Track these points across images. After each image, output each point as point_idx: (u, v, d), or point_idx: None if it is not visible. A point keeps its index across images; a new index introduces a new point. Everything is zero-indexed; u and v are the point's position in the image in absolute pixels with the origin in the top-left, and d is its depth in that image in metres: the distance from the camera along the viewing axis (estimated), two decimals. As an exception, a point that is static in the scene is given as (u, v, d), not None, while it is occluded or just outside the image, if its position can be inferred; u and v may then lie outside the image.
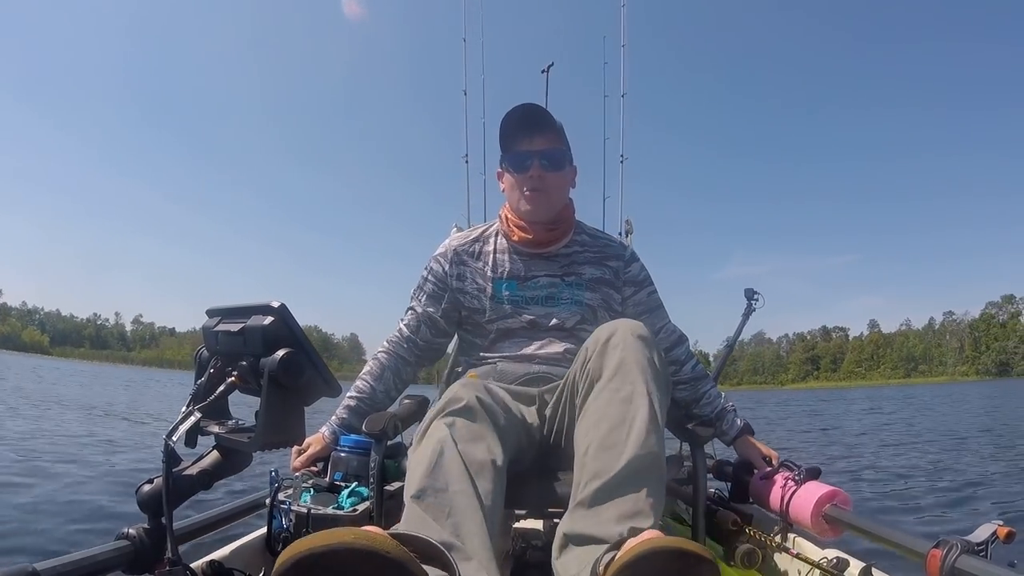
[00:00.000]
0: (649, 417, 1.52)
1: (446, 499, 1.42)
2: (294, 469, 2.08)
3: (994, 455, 11.10)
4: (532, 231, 2.20)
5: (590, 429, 1.56)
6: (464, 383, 1.74)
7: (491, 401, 1.69)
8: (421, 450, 1.54)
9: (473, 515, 1.41)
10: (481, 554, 1.34)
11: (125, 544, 1.52)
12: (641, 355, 1.62)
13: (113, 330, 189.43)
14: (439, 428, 1.57)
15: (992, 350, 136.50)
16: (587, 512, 1.44)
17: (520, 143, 2.16)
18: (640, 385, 1.57)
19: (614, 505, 1.42)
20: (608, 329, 1.70)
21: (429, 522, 1.38)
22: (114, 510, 5.14)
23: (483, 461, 1.53)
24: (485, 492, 1.47)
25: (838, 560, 1.90)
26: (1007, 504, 6.66)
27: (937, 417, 22.74)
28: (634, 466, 1.46)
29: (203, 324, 1.70)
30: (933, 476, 8.64)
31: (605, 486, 1.44)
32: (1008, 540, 1.49)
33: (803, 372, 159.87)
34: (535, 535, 2.35)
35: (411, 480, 1.49)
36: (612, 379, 1.60)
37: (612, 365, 1.61)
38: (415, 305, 2.34)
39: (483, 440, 1.58)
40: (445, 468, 1.47)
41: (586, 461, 1.51)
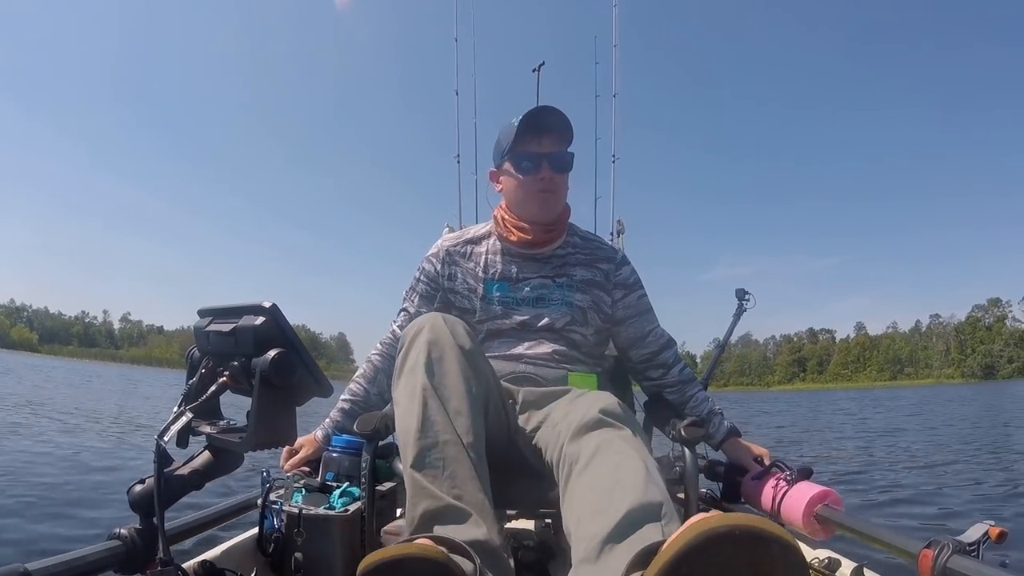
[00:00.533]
0: (644, 472, 1.40)
1: (438, 453, 1.54)
2: (285, 470, 2.08)
3: (986, 456, 11.15)
4: (532, 232, 2.21)
5: (578, 504, 1.43)
6: (430, 314, 1.81)
7: (455, 325, 1.76)
8: (404, 405, 1.64)
9: (463, 461, 1.54)
10: (476, 499, 1.50)
11: (117, 544, 1.51)
12: (619, 433, 1.56)
13: (101, 328, 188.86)
14: (415, 372, 1.66)
15: (978, 353, 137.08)
16: (594, 566, 1.26)
17: (530, 144, 2.15)
18: (627, 452, 1.47)
19: (623, 549, 1.23)
20: (580, 410, 1.64)
21: (431, 489, 1.50)
22: (106, 511, 5.13)
23: (459, 395, 1.63)
24: (465, 430, 1.58)
25: (830, 560, 1.91)
26: (999, 504, 6.68)
27: (925, 419, 22.82)
28: (636, 515, 1.29)
29: (194, 324, 1.70)
30: (925, 476, 8.67)
31: (607, 539, 1.27)
32: (1000, 540, 1.49)
33: (789, 374, 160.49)
34: (527, 535, 2.34)
35: (404, 443, 1.59)
36: (593, 458, 1.49)
37: (590, 449, 1.51)
38: (407, 306, 2.35)
39: (455, 373, 1.66)
40: (430, 420, 1.58)
41: (580, 531, 1.35)
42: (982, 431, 16.94)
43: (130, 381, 36.64)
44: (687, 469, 2.02)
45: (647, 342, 2.30)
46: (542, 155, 2.14)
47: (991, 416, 23.50)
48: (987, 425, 19.10)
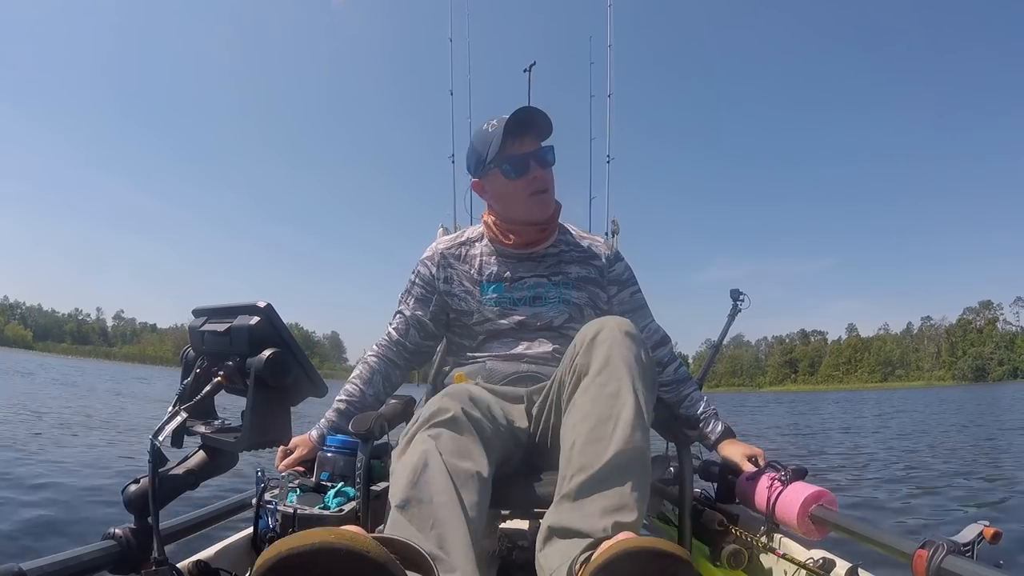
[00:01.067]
0: (635, 413, 1.53)
1: (430, 510, 1.42)
2: (279, 470, 2.08)
3: (980, 457, 11.17)
4: (525, 233, 2.22)
5: (577, 424, 1.56)
6: (449, 392, 1.74)
7: (476, 411, 1.68)
8: (405, 460, 1.53)
9: (457, 526, 1.40)
10: (465, 567, 1.34)
11: (111, 544, 1.51)
12: (628, 351, 1.62)
13: (94, 325, 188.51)
14: (424, 440, 1.56)
15: (969, 355, 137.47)
16: (572, 505, 1.45)
17: (513, 146, 2.14)
18: (626, 381, 1.57)
19: (599, 498, 1.43)
20: (595, 326, 1.70)
21: (413, 532, 1.38)
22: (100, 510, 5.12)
23: (468, 473, 1.52)
24: (470, 504, 1.46)
25: (824, 561, 1.91)
26: (994, 505, 6.69)
27: (919, 421, 22.86)
28: (619, 460, 1.46)
29: (189, 324, 1.70)
30: (919, 477, 8.68)
31: (590, 479, 1.45)
32: (994, 541, 1.50)
33: (781, 375, 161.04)
34: (521, 535, 2.34)
35: (395, 490, 1.49)
36: (599, 375, 1.59)
37: (599, 361, 1.61)
38: (403, 309, 2.35)
39: (468, 452, 1.57)
40: (429, 479, 1.47)
41: (572, 455, 1.51)
42: (975, 433, 16.97)
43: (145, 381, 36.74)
44: (682, 469, 2.03)
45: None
46: (527, 155, 2.14)
47: (984, 418, 23.56)
48: (980, 427, 19.15)
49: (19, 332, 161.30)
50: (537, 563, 1.47)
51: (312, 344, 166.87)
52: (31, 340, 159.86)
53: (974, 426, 19.47)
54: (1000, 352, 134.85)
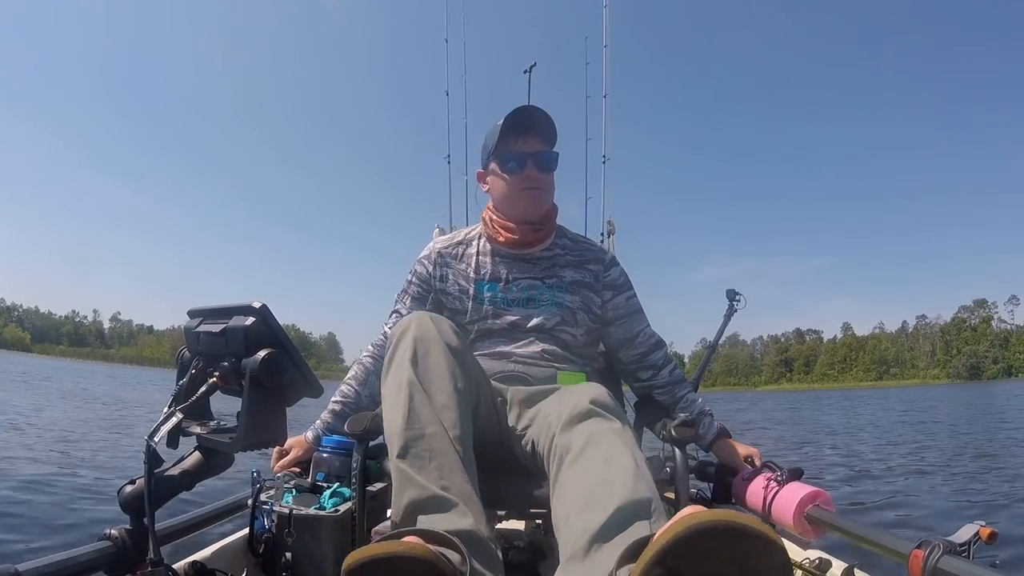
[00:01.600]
0: (635, 468, 1.41)
1: (424, 444, 1.53)
2: (275, 470, 2.08)
3: (976, 457, 11.19)
4: (519, 232, 2.22)
5: (568, 497, 1.44)
6: (418, 313, 1.82)
7: (443, 324, 1.76)
8: (391, 399, 1.63)
9: (449, 452, 1.53)
10: (463, 490, 1.49)
11: (107, 545, 1.51)
12: (608, 424, 1.56)
13: (91, 327, 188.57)
14: (402, 367, 1.65)
15: (963, 354, 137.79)
16: (583, 562, 1.28)
17: (515, 144, 2.17)
18: (617, 446, 1.48)
19: (612, 547, 1.24)
20: (569, 403, 1.63)
21: (417, 479, 1.48)
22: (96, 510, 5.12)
23: (445, 391, 1.62)
24: (451, 423, 1.58)
25: (820, 561, 1.91)
26: (990, 505, 6.70)
27: (914, 420, 22.90)
28: (626, 511, 1.31)
29: (184, 325, 1.70)
30: (916, 477, 8.70)
31: (597, 535, 1.28)
32: (990, 541, 1.50)
33: (776, 374, 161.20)
34: (517, 536, 2.34)
35: (391, 435, 1.58)
36: (584, 449, 1.49)
37: (581, 440, 1.52)
38: (400, 308, 2.36)
39: (442, 369, 1.65)
40: (416, 413, 1.57)
41: (570, 526, 1.36)
42: (971, 431, 17.00)
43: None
44: (677, 469, 2.02)
45: (636, 343, 2.30)
46: (527, 154, 2.16)
47: (979, 416, 23.62)
48: (976, 425, 19.19)
49: (17, 334, 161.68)
50: None
51: (309, 345, 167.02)
52: (29, 342, 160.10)
53: (970, 425, 19.52)
54: (995, 350, 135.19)
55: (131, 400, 22.09)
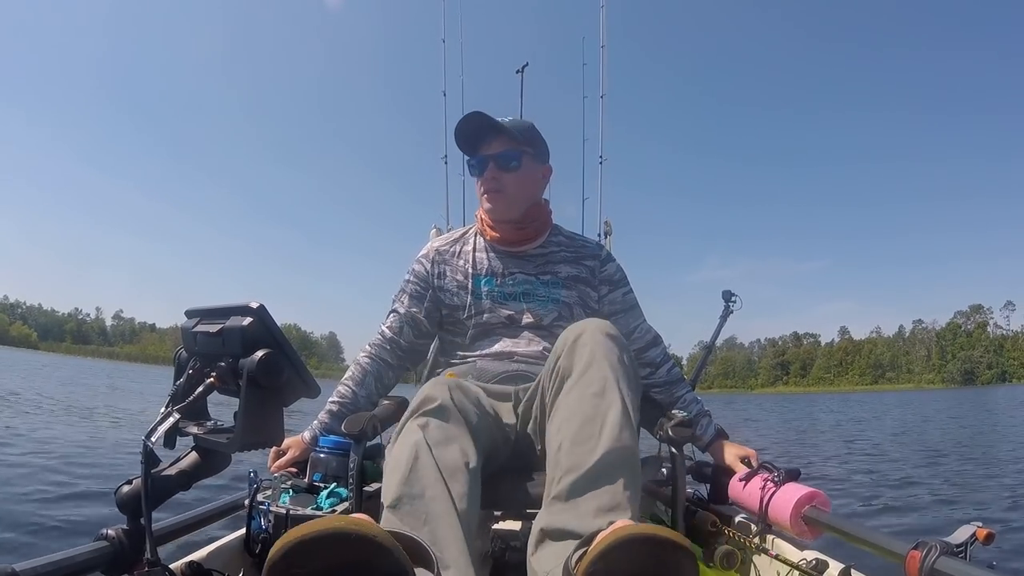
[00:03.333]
0: (621, 411, 1.52)
1: (422, 506, 1.44)
2: (272, 470, 2.08)
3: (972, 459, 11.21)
4: (500, 230, 2.27)
5: (562, 425, 1.55)
6: (437, 381, 1.75)
7: (464, 399, 1.70)
8: (396, 455, 1.56)
9: (449, 520, 1.43)
10: (459, 560, 1.36)
11: (104, 545, 1.51)
12: (611, 352, 1.62)
13: (94, 324, 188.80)
14: (412, 431, 1.58)
15: (958, 359, 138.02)
16: (564, 506, 1.43)
17: (478, 148, 2.23)
18: (611, 380, 1.57)
19: (591, 498, 1.42)
20: (577, 328, 1.70)
21: (407, 531, 1.36)
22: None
23: (456, 464, 1.54)
24: (459, 495, 1.48)
25: (817, 562, 1.91)
26: (986, 506, 6.71)
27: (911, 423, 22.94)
28: (609, 459, 1.45)
29: (182, 325, 1.69)
30: (912, 479, 8.70)
31: (580, 479, 1.44)
32: (987, 542, 1.50)
33: (773, 377, 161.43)
34: (513, 536, 2.34)
35: (387, 488, 1.51)
36: (582, 376, 1.59)
37: (582, 363, 1.61)
38: (398, 307, 2.37)
39: (456, 441, 1.59)
40: (420, 473, 1.49)
41: (559, 457, 1.50)
42: (967, 435, 17.03)
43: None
44: (674, 470, 2.03)
45: (633, 338, 2.31)
46: (489, 157, 2.21)
47: (975, 420, 23.66)
48: (972, 429, 19.22)
49: (24, 332, 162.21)
50: (529, 566, 1.45)
51: (310, 345, 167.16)
52: (36, 340, 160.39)
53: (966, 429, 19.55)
54: (989, 356, 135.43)
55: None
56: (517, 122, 2.22)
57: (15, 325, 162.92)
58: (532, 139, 2.24)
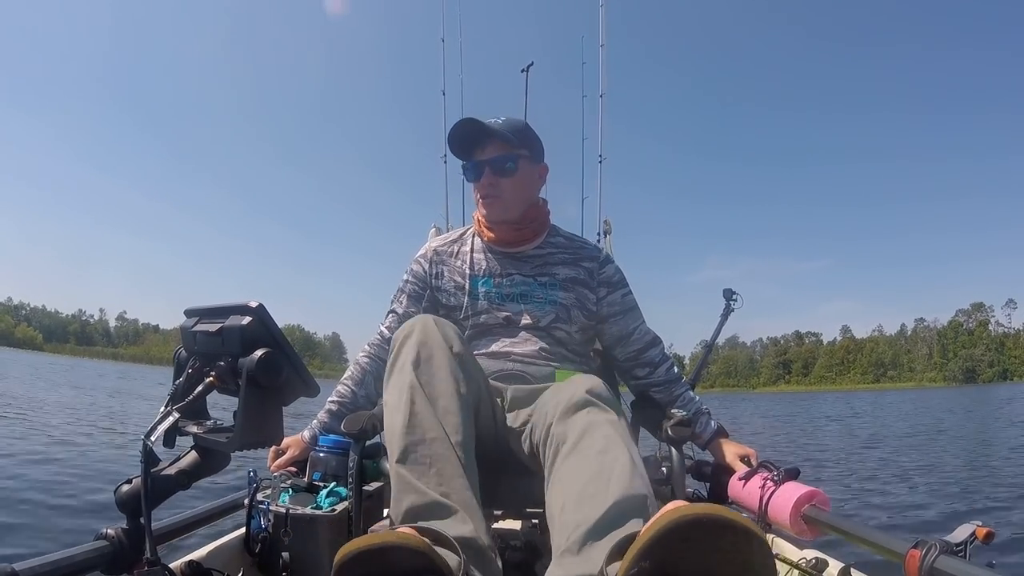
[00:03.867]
0: (631, 463, 1.41)
1: (425, 450, 1.54)
2: (272, 470, 2.08)
3: (971, 458, 11.21)
4: (498, 231, 2.26)
5: (565, 487, 1.44)
6: (418, 317, 1.83)
7: (446, 328, 1.77)
8: (392, 401, 1.64)
9: (450, 458, 1.54)
10: (464, 498, 1.49)
11: (104, 544, 1.51)
12: (606, 412, 1.57)
13: (97, 326, 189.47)
14: (404, 371, 1.67)
15: (959, 357, 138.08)
16: (576, 558, 1.28)
17: (472, 153, 2.22)
18: (613, 438, 1.48)
19: (605, 543, 1.26)
20: (567, 391, 1.64)
21: (416, 484, 1.49)
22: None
23: (448, 395, 1.63)
24: (454, 428, 1.58)
25: (817, 561, 1.91)
26: (986, 505, 6.71)
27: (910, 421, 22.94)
28: (621, 508, 1.31)
29: (181, 324, 1.69)
30: (912, 478, 8.71)
31: (592, 530, 1.29)
32: (987, 541, 1.50)
33: (775, 376, 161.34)
34: (513, 535, 2.35)
35: (391, 437, 1.59)
36: (580, 440, 1.50)
37: (577, 430, 1.52)
38: (396, 307, 2.37)
39: (443, 372, 1.67)
40: (418, 418, 1.58)
41: (564, 518, 1.37)
42: (966, 433, 17.03)
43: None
44: (674, 469, 2.03)
45: (632, 340, 2.30)
46: (484, 162, 2.19)
47: (975, 419, 23.66)
48: (971, 428, 19.22)
49: (29, 334, 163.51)
50: None
51: (313, 345, 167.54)
52: (40, 342, 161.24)
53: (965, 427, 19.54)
54: (990, 354, 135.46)
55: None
56: (511, 122, 2.20)
57: (20, 327, 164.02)
58: (527, 140, 2.22)
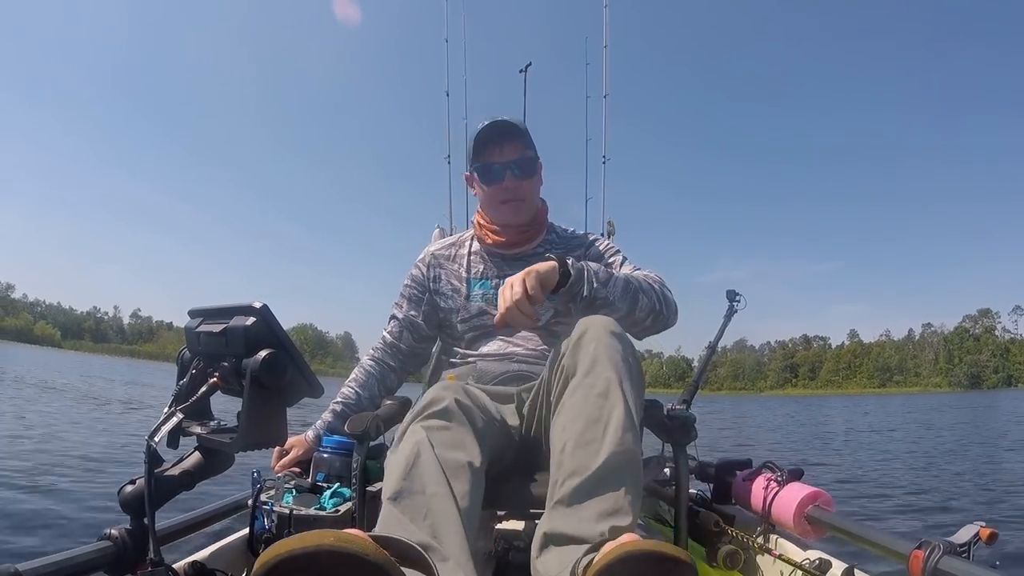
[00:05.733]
0: (625, 414, 1.51)
1: (423, 501, 1.42)
2: (275, 470, 2.08)
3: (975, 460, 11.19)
4: (506, 234, 2.26)
5: (566, 426, 1.53)
6: (442, 386, 1.74)
7: (469, 402, 1.68)
8: (398, 453, 1.54)
9: (450, 516, 1.41)
10: (458, 554, 1.34)
11: (107, 545, 1.51)
12: (615, 351, 1.60)
13: (111, 323, 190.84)
14: (416, 431, 1.56)
15: (964, 363, 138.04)
16: (567, 511, 1.42)
17: (491, 154, 2.20)
18: (615, 381, 1.55)
19: (594, 503, 1.41)
20: (581, 326, 1.67)
21: (406, 523, 1.38)
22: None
23: (460, 463, 1.52)
24: (462, 494, 1.46)
25: (820, 561, 1.91)
26: (988, 506, 6.70)
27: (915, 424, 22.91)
28: (612, 463, 1.44)
29: (185, 325, 1.69)
30: (915, 478, 8.69)
31: (583, 484, 1.43)
32: (990, 541, 1.50)
33: (781, 379, 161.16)
34: (517, 536, 2.34)
35: (388, 482, 1.49)
36: (587, 375, 1.57)
37: (586, 362, 1.58)
38: (397, 312, 2.39)
39: (460, 442, 1.57)
40: (422, 470, 1.47)
41: (563, 459, 1.49)
42: (971, 437, 17.02)
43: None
44: (678, 470, 2.02)
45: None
46: (505, 164, 2.18)
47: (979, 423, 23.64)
48: (976, 431, 19.20)
49: (48, 331, 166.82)
50: (533, 569, 1.44)
51: (326, 344, 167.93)
52: (59, 339, 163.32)
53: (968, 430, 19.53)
54: (995, 360, 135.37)
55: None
56: (518, 122, 2.21)
57: (39, 324, 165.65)
58: (532, 141, 2.23)
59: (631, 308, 1.95)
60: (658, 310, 2.02)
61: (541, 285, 1.76)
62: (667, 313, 2.06)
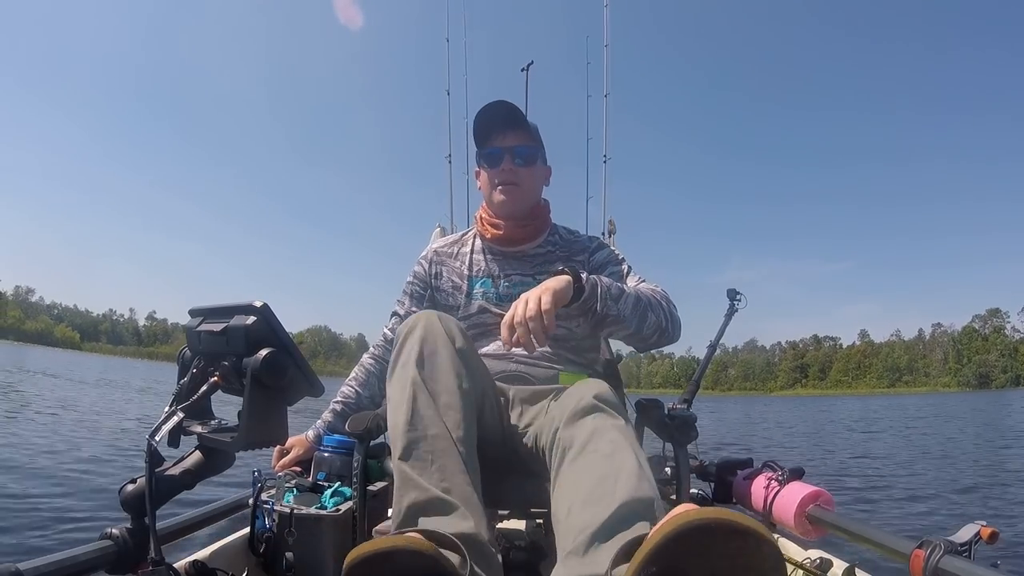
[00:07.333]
0: (638, 466, 1.38)
1: (426, 446, 1.54)
2: (276, 470, 2.08)
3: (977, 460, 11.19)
4: (505, 228, 2.24)
5: (569, 491, 1.41)
6: (422, 312, 1.81)
7: (449, 324, 1.75)
8: (395, 397, 1.64)
9: (451, 454, 1.54)
10: (466, 493, 1.50)
11: (108, 544, 1.51)
12: (614, 419, 1.53)
13: (127, 325, 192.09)
14: (407, 366, 1.66)
15: (973, 363, 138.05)
16: (581, 559, 1.25)
17: (493, 139, 2.20)
18: (620, 443, 1.44)
19: (612, 545, 1.23)
20: (574, 396, 1.62)
21: (419, 481, 1.49)
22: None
23: (450, 391, 1.63)
24: (455, 424, 1.58)
25: (821, 560, 1.91)
26: (990, 505, 6.69)
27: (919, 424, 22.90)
28: (627, 510, 1.28)
29: (186, 324, 1.69)
30: (917, 478, 8.69)
31: (597, 533, 1.26)
32: (991, 541, 1.50)
33: (791, 379, 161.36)
34: (518, 535, 2.34)
35: (394, 433, 1.59)
36: (587, 444, 1.46)
37: (584, 433, 1.49)
38: (398, 309, 2.39)
39: (446, 367, 1.66)
40: (420, 414, 1.58)
41: (570, 520, 1.34)
42: (973, 436, 17.01)
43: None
44: (678, 469, 2.02)
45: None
46: (505, 149, 2.18)
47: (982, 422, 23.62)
48: (979, 431, 19.19)
49: (68, 334, 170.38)
50: None
51: (340, 346, 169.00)
52: (79, 341, 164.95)
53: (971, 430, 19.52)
54: (1004, 360, 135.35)
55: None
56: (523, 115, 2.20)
57: (59, 327, 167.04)
58: (540, 138, 2.24)
59: (639, 326, 1.94)
60: (664, 327, 2.01)
61: (556, 303, 1.73)
62: (672, 330, 2.04)
